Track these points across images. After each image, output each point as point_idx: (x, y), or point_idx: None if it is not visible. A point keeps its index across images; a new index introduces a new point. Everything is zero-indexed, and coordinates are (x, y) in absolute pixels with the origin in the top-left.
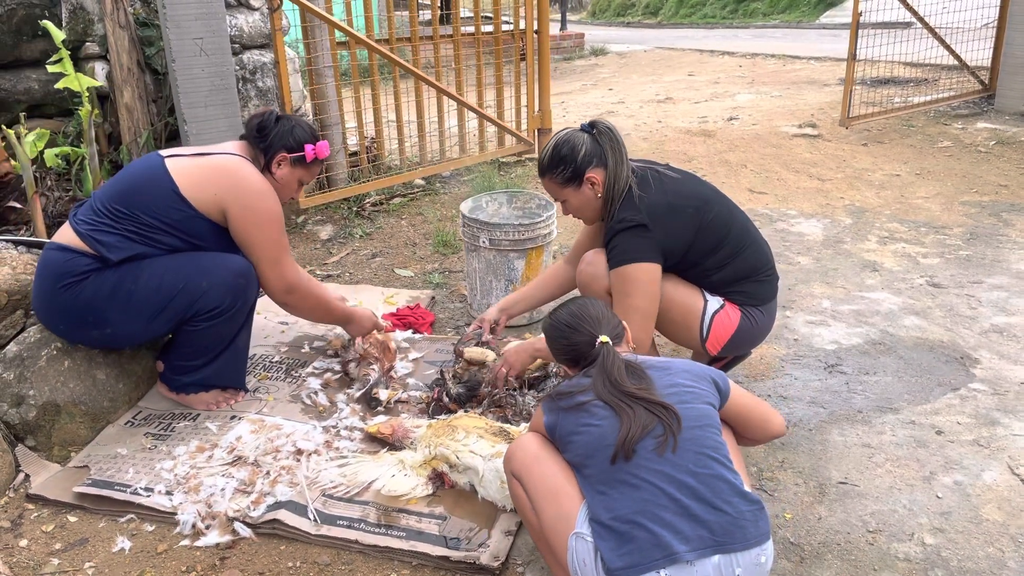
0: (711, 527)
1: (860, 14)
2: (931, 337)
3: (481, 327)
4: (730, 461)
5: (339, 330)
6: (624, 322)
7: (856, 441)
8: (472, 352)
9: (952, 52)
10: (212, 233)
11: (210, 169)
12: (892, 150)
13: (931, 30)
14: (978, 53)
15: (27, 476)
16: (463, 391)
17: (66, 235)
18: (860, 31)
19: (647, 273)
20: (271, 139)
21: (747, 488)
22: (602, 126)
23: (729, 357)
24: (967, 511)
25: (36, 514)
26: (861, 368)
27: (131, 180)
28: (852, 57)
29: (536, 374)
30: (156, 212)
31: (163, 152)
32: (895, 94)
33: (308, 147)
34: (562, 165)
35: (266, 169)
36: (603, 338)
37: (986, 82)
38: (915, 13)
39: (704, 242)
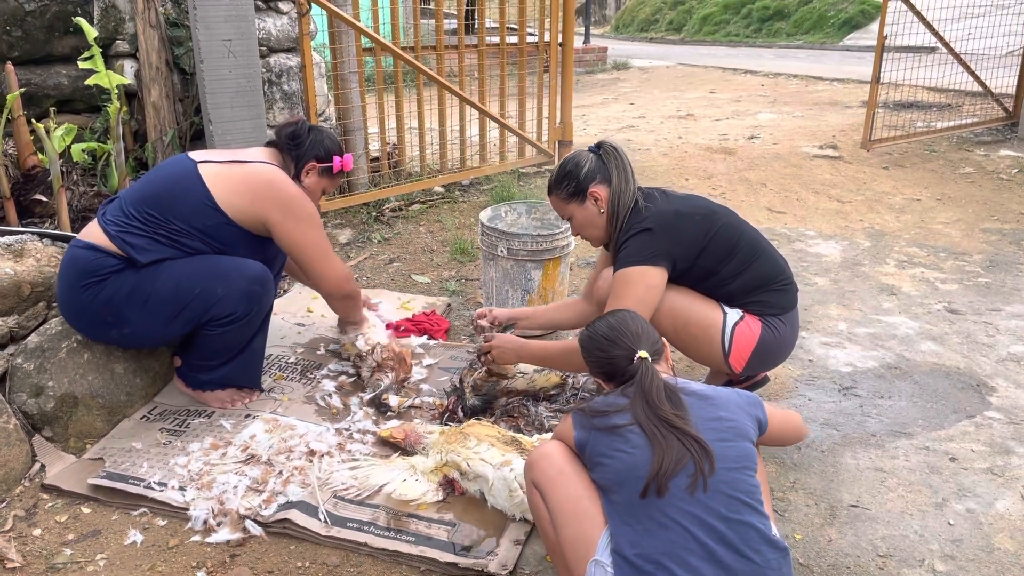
0: (736, 574)
1: (885, 37)
2: (947, 363)
3: (484, 319)
4: (762, 504)
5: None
6: (664, 339)
7: (869, 464)
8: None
9: (976, 78)
10: (240, 239)
11: (246, 178)
12: (913, 174)
13: (956, 55)
14: (1003, 80)
15: (43, 466)
16: (479, 403)
17: (94, 234)
18: (884, 54)
19: (646, 277)
20: (304, 148)
21: (774, 530)
22: (608, 146)
23: (750, 380)
24: (979, 539)
25: (50, 504)
26: (876, 392)
27: (164, 184)
28: (876, 80)
29: (552, 392)
30: (189, 218)
31: (194, 156)
32: (918, 118)
33: (336, 159)
34: (566, 180)
35: (295, 177)
36: (642, 354)
37: (1010, 109)
38: (940, 38)
39: (716, 248)
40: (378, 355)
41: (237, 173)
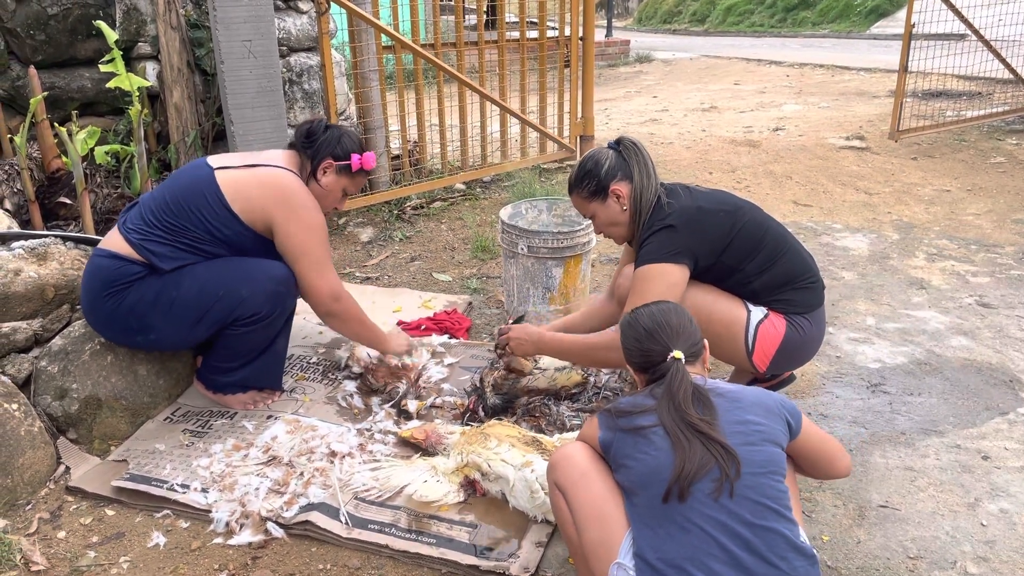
0: None
1: (913, 25)
2: (979, 359)
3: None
4: (789, 510)
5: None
6: (706, 340)
7: (898, 464)
8: (515, 361)
9: (1007, 65)
10: (257, 246)
11: (258, 182)
12: (943, 165)
13: (986, 43)
14: None
15: (67, 468)
16: (499, 402)
17: (115, 242)
18: (912, 42)
19: (667, 274)
20: (318, 145)
21: (803, 537)
22: (627, 142)
23: (775, 379)
24: (1013, 540)
25: (75, 506)
26: (905, 388)
27: (182, 192)
28: (903, 69)
29: (574, 391)
30: (208, 227)
31: (212, 161)
32: (947, 107)
33: (355, 157)
34: (587, 179)
35: (312, 175)
36: (676, 354)
37: None
38: (970, 25)
39: (740, 245)
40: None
41: (251, 177)
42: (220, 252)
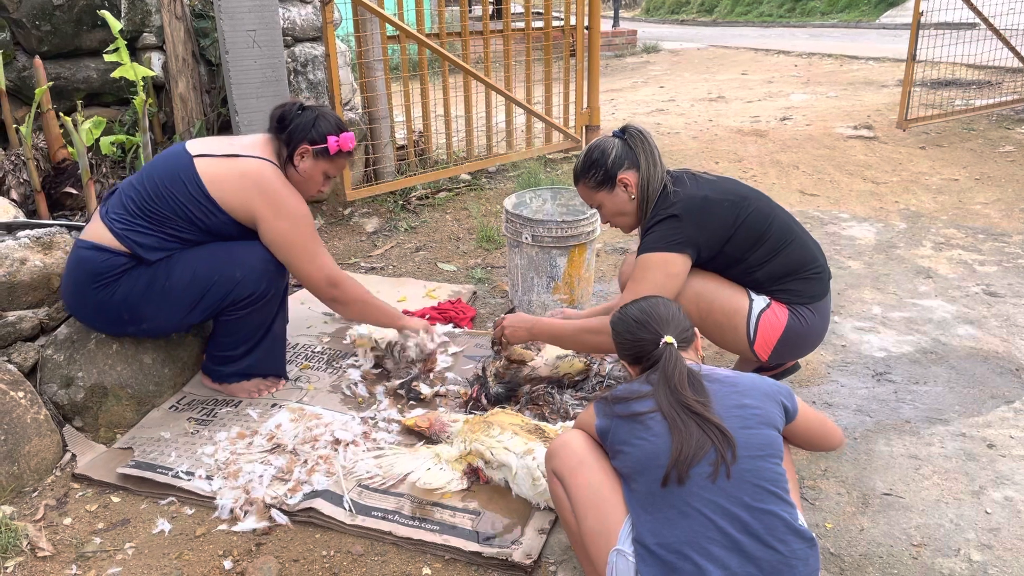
0: (760, 565)
1: (921, 14)
2: (985, 347)
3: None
4: (788, 493)
5: (363, 329)
6: (697, 328)
7: (903, 452)
8: (515, 351)
9: (1017, 54)
10: (241, 234)
11: (238, 174)
12: (951, 154)
13: (996, 31)
14: None
15: (73, 456)
16: (502, 391)
17: (98, 232)
18: (921, 31)
19: (667, 263)
20: (290, 130)
21: (801, 519)
22: (633, 130)
23: (780, 367)
24: (1017, 528)
25: (81, 493)
26: (911, 377)
27: (162, 181)
28: (912, 58)
29: (577, 378)
30: (189, 215)
31: (192, 148)
32: (956, 96)
33: (331, 139)
34: (593, 169)
35: (289, 161)
36: (668, 339)
37: None
38: (979, 13)
39: (744, 235)
40: (409, 350)
41: (231, 169)
42: (204, 240)
